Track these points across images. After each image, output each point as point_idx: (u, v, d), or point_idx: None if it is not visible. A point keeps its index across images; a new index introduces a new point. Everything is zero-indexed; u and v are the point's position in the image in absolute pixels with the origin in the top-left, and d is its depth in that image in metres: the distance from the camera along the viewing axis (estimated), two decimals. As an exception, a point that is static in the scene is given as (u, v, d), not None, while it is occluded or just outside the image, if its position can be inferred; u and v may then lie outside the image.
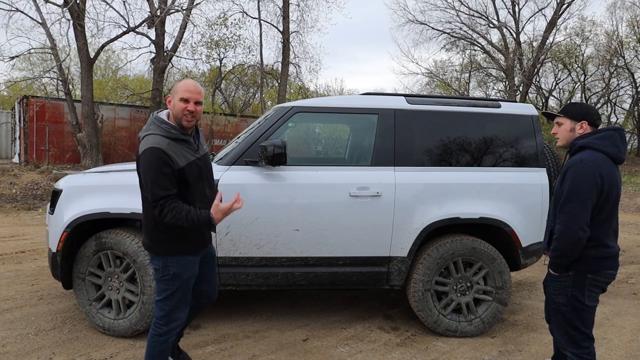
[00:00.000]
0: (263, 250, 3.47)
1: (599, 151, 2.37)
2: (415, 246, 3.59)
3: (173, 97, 2.43)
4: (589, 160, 2.32)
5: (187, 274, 2.50)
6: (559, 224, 2.40)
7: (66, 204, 3.44)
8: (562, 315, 2.50)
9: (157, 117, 2.45)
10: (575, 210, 2.32)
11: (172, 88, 2.48)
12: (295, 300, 4.47)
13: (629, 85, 28.35)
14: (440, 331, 3.66)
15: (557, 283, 2.50)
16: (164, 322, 2.51)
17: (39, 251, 6.15)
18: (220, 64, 19.65)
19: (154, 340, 2.52)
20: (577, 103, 2.56)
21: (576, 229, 2.32)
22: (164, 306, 2.50)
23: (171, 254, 2.45)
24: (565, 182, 2.37)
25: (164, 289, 2.49)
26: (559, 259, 2.42)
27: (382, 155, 3.62)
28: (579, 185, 2.30)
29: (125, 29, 13.73)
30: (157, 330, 2.52)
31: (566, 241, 2.35)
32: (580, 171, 2.31)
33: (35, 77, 18.01)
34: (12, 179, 12.38)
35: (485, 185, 3.66)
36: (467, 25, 23.96)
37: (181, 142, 2.42)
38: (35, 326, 3.70)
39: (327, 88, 30.25)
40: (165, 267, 2.46)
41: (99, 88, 20.40)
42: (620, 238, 8.14)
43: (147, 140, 2.36)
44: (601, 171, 2.31)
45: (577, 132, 2.49)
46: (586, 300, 2.44)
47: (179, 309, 2.53)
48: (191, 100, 2.40)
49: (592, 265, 2.41)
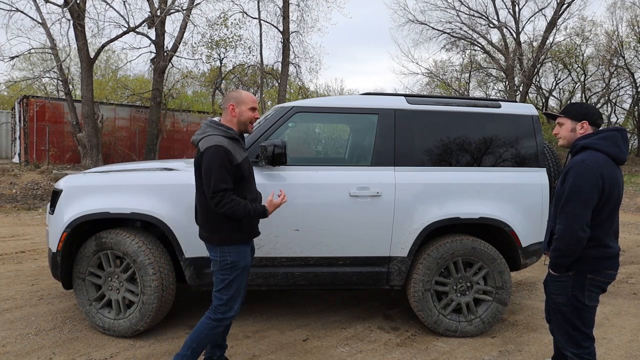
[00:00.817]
0: (263, 250, 3.47)
1: (601, 151, 2.36)
2: (415, 246, 3.58)
3: (239, 106, 2.74)
4: (591, 160, 2.31)
5: (242, 263, 2.70)
6: (559, 224, 2.39)
7: (66, 204, 3.44)
8: (562, 315, 2.50)
9: (212, 120, 2.74)
10: (576, 210, 2.31)
11: (232, 97, 2.76)
12: (295, 300, 4.47)
13: (629, 85, 28.35)
14: (440, 331, 3.66)
15: (558, 283, 2.49)
16: (223, 310, 2.69)
17: (39, 251, 6.15)
18: (220, 64, 19.66)
19: (207, 323, 2.69)
20: (578, 103, 2.55)
21: (577, 229, 2.31)
22: (222, 295, 2.68)
23: (228, 244, 2.65)
24: (566, 182, 2.37)
25: (222, 279, 2.67)
26: (560, 259, 2.41)
27: (382, 155, 3.62)
28: (581, 185, 2.30)
29: (125, 29, 13.74)
30: (214, 315, 2.69)
31: (567, 241, 2.35)
32: (582, 171, 2.30)
33: (35, 77, 18.00)
34: (12, 179, 12.39)
35: (485, 185, 3.66)
36: (467, 25, 23.97)
37: (236, 140, 2.70)
38: (35, 326, 3.70)
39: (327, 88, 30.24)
40: (223, 257, 2.65)
41: (99, 88, 20.41)
42: (620, 238, 8.11)
43: (209, 139, 2.59)
44: (602, 171, 2.31)
45: (578, 132, 2.48)
46: (586, 300, 2.43)
47: (235, 299, 2.71)
48: (256, 109, 2.78)
49: (593, 266, 2.40)
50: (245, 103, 2.75)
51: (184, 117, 20.23)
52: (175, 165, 3.72)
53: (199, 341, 2.70)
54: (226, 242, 2.65)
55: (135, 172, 3.59)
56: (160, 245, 3.49)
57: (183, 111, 20.49)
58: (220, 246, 2.66)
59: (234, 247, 2.67)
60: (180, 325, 3.75)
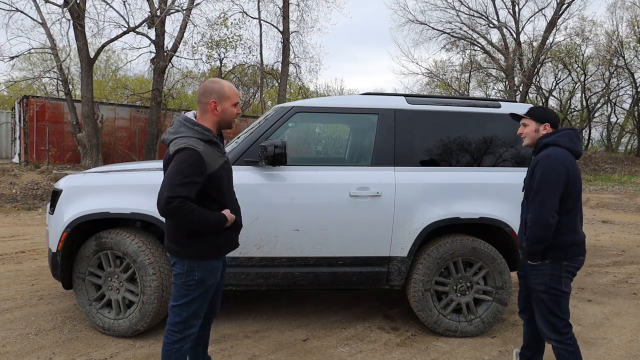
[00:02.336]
0: (263, 250, 3.47)
1: (562, 147, 2.63)
2: (415, 246, 3.58)
3: (222, 102, 2.39)
4: (555, 154, 2.57)
5: (211, 280, 2.42)
6: (531, 212, 2.60)
7: (66, 204, 3.44)
8: (543, 304, 2.67)
9: (186, 118, 2.38)
10: (545, 198, 2.54)
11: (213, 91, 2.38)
12: (295, 300, 4.47)
13: (629, 85, 28.35)
14: (440, 331, 3.66)
15: (536, 272, 2.67)
16: (179, 328, 2.40)
17: (39, 251, 6.15)
18: (220, 64, 19.66)
19: (168, 349, 2.41)
20: (541, 107, 2.85)
21: (547, 215, 2.53)
22: (181, 312, 2.40)
23: (198, 259, 2.37)
24: (534, 175, 2.60)
25: (184, 294, 2.39)
26: (534, 247, 2.59)
27: (382, 155, 3.62)
28: (548, 176, 2.54)
29: (125, 29, 13.74)
30: (170, 338, 2.41)
31: (538, 228, 2.55)
32: (548, 165, 2.55)
33: (35, 77, 18.00)
34: (12, 179, 12.39)
35: (485, 185, 3.66)
36: (467, 25, 23.98)
37: (213, 144, 2.37)
38: (35, 326, 3.70)
39: (327, 88, 30.27)
40: (190, 272, 2.36)
41: (99, 88, 20.42)
42: (620, 238, 8.14)
43: (181, 141, 2.28)
44: (566, 164, 2.55)
45: (541, 132, 2.76)
46: (563, 287, 2.63)
47: (195, 316, 2.44)
48: (238, 104, 2.46)
49: (566, 252, 2.61)
50: (229, 99, 2.40)
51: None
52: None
53: None
54: (196, 257, 2.35)
55: (135, 172, 3.59)
56: (160, 245, 3.49)
57: (183, 111, 20.46)
58: (188, 260, 2.35)
59: (205, 262, 2.37)
60: (180, 325, 3.75)
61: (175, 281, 2.41)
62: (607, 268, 6.02)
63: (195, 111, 2.46)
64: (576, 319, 4.16)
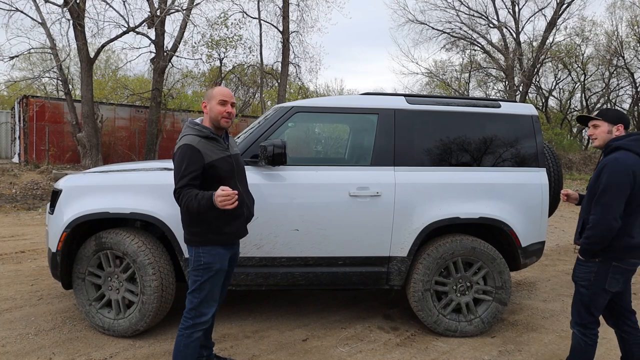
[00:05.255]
0: (263, 250, 3.47)
1: (632, 152, 2.62)
2: (415, 246, 3.58)
3: (209, 102, 2.69)
4: (623, 159, 2.59)
5: (217, 265, 2.64)
6: (594, 214, 2.63)
7: (66, 204, 3.44)
8: (580, 297, 2.75)
9: (190, 121, 2.72)
10: (610, 202, 2.57)
11: (205, 95, 2.74)
12: (295, 300, 4.47)
13: (629, 85, 28.35)
14: (440, 331, 3.66)
15: (583, 267, 2.73)
16: (191, 315, 2.64)
17: (39, 251, 6.15)
18: (220, 64, 19.65)
19: (180, 334, 2.65)
20: (613, 109, 2.85)
21: (610, 219, 2.57)
22: (193, 299, 2.64)
23: (203, 245, 2.61)
24: (601, 177, 2.62)
25: (194, 280, 2.64)
26: (591, 246, 2.64)
27: (382, 155, 3.62)
28: (615, 180, 2.57)
29: (125, 29, 13.73)
30: (184, 324, 2.65)
31: (600, 229, 2.59)
32: (616, 168, 2.58)
33: (35, 77, 17.97)
34: (12, 179, 12.38)
35: (485, 185, 3.66)
36: (467, 25, 23.98)
37: (211, 139, 2.63)
38: (35, 326, 3.70)
39: (327, 88, 30.27)
40: (197, 258, 2.62)
41: (98, 88, 20.41)
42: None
43: (181, 141, 2.61)
44: (634, 169, 2.57)
45: (614, 134, 2.76)
46: (607, 285, 2.68)
47: (206, 303, 2.65)
48: (228, 103, 2.68)
49: (618, 254, 2.64)
50: (214, 98, 2.67)
51: (184, 117, 20.21)
52: (175, 165, 3.72)
53: (182, 356, 2.64)
54: (202, 243, 2.62)
55: (135, 172, 3.59)
56: (160, 245, 3.49)
57: (183, 111, 20.48)
58: (196, 247, 2.63)
59: (210, 248, 2.62)
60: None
61: (189, 269, 2.69)
62: (607, 268, 6.01)
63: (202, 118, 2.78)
64: (576, 318, 4.16)
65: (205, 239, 2.61)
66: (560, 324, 4.04)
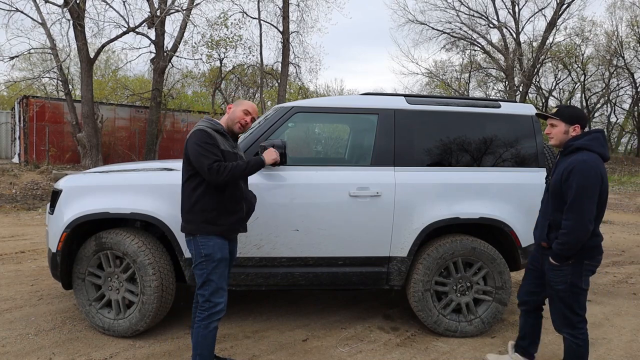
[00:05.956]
0: (263, 250, 3.47)
1: (594, 152, 2.61)
2: (415, 246, 3.58)
3: (236, 107, 2.88)
4: (591, 160, 2.56)
5: (218, 255, 2.71)
6: (568, 219, 2.59)
7: (66, 204, 3.44)
8: (562, 301, 2.73)
9: (206, 117, 2.86)
10: (585, 206, 2.55)
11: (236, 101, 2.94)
12: (295, 300, 4.47)
13: (629, 85, 28.37)
14: (440, 331, 3.66)
15: (558, 272, 2.70)
16: (206, 307, 2.71)
17: (39, 251, 6.15)
18: (220, 64, 19.65)
19: (198, 325, 2.73)
20: (571, 106, 2.79)
21: (587, 223, 2.56)
22: (203, 292, 2.72)
23: (201, 234, 2.70)
24: (570, 180, 2.57)
25: (199, 274, 2.72)
26: (568, 252, 2.62)
27: (382, 155, 3.62)
28: (587, 183, 2.53)
29: (125, 29, 13.74)
30: (199, 315, 2.73)
31: (577, 234, 2.57)
32: (586, 171, 2.54)
33: (35, 77, 17.99)
34: (12, 179, 12.38)
35: (485, 186, 3.66)
36: (467, 25, 23.99)
37: (222, 135, 2.79)
38: (35, 326, 3.70)
39: (327, 88, 30.25)
40: (197, 251, 2.70)
41: (99, 88, 20.40)
42: (620, 238, 8.14)
43: (195, 128, 2.73)
44: (601, 170, 2.56)
45: (571, 134, 2.72)
46: (583, 284, 2.70)
47: (217, 293, 2.72)
48: (250, 115, 2.88)
49: (589, 253, 2.67)
50: (242, 105, 2.88)
51: (184, 117, 20.23)
52: (175, 165, 3.72)
53: (201, 346, 2.72)
54: (199, 232, 2.69)
55: (135, 172, 3.59)
56: (160, 245, 3.49)
57: (183, 111, 20.48)
58: (194, 237, 2.71)
59: (208, 238, 2.70)
60: (180, 325, 3.75)
61: (193, 264, 2.74)
62: (607, 268, 6.02)
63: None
64: (576, 319, 4.17)
65: (198, 227, 2.69)
66: (560, 324, 4.04)
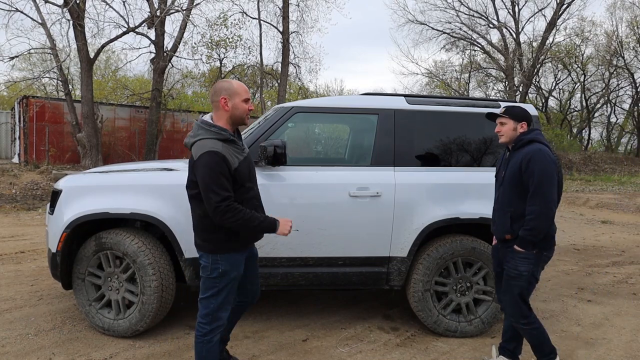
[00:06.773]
0: (263, 250, 3.47)
1: (543, 144, 2.79)
2: (415, 246, 3.58)
3: (232, 98, 2.48)
4: (545, 150, 2.73)
5: (234, 273, 2.55)
6: (534, 205, 2.69)
7: (66, 204, 3.44)
8: (518, 290, 2.83)
9: (203, 121, 2.49)
10: (547, 191, 2.68)
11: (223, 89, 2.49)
12: (295, 300, 4.47)
13: (629, 85, 28.38)
14: (440, 331, 3.66)
15: (524, 260, 2.78)
16: (207, 320, 2.55)
17: (39, 251, 6.15)
18: (220, 64, 19.66)
19: (199, 341, 2.56)
20: (517, 105, 2.96)
21: (551, 207, 2.69)
22: (209, 304, 2.54)
23: (220, 252, 2.50)
24: (530, 168, 2.70)
25: (210, 286, 2.53)
26: (536, 237, 2.72)
27: (382, 156, 3.62)
28: (547, 169, 2.68)
29: (125, 29, 13.74)
30: (200, 331, 2.56)
31: (544, 219, 2.68)
32: (544, 159, 2.69)
33: (35, 78, 17.98)
34: (12, 179, 12.38)
35: (485, 186, 3.65)
36: (467, 26, 24.01)
37: (230, 142, 2.46)
38: (35, 326, 3.70)
39: (327, 88, 30.29)
40: (214, 265, 2.50)
41: (98, 88, 20.41)
42: (620, 238, 8.14)
43: (201, 144, 2.38)
44: (554, 159, 2.74)
45: (519, 131, 2.89)
46: (538, 274, 2.84)
47: (223, 308, 2.57)
48: (249, 100, 2.56)
49: (548, 243, 2.80)
50: (238, 94, 2.49)
51: (184, 117, 20.23)
52: (175, 165, 3.72)
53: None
54: (219, 251, 2.50)
55: (135, 172, 3.59)
56: (160, 245, 3.49)
57: (183, 111, 20.48)
58: (212, 254, 2.50)
59: (227, 255, 2.51)
60: (180, 326, 3.75)
61: (202, 275, 2.56)
62: (606, 268, 6.02)
63: (212, 113, 2.55)
64: (576, 319, 4.17)
65: (219, 247, 2.49)
66: (560, 324, 4.04)
